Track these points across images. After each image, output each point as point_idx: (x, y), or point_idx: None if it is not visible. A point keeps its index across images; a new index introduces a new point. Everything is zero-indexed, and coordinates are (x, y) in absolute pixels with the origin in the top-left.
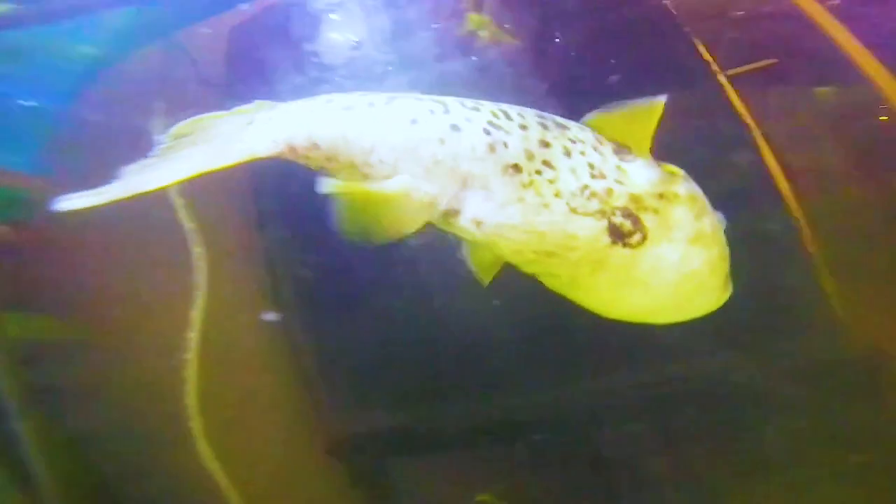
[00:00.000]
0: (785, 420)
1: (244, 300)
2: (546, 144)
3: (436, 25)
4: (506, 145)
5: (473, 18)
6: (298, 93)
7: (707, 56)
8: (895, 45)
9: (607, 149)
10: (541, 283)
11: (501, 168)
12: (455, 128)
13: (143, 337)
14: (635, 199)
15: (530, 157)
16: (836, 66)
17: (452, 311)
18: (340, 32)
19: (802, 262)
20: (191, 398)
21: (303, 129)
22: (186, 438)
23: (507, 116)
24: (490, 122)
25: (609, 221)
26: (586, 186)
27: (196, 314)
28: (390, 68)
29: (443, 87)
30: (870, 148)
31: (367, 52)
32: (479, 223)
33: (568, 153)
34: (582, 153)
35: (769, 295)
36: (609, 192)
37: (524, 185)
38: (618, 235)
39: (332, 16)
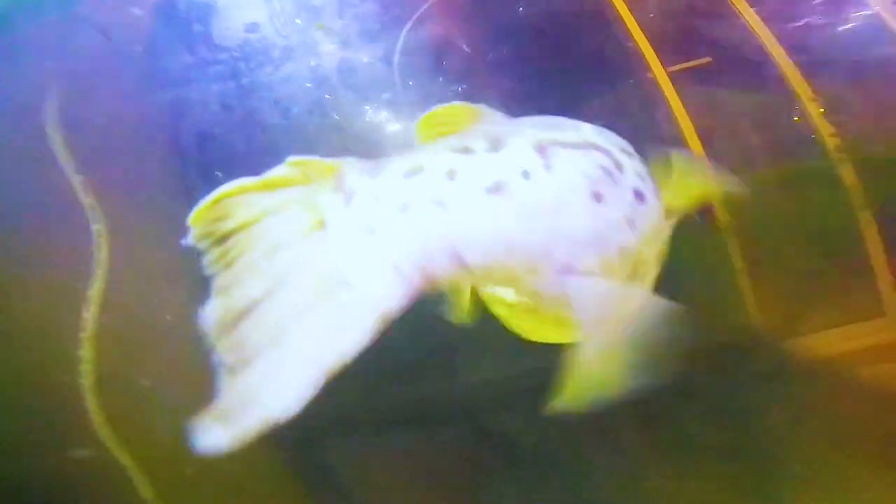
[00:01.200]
0: (697, 402)
1: (153, 279)
2: None
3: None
4: None
5: (321, 26)
6: (227, 75)
7: (649, 51)
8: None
9: None
10: None
11: (657, 247)
12: (639, 195)
13: (33, 316)
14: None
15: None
16: (762, 67)
17: None
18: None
19: (717, 250)
20: (87, 378)
21: (439, 241)
22: (83, 419)
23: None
24: (644, 175)
25: None
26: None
27: (94, 293)
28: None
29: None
30: (787, 145)
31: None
32: None
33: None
34: None
35: (682, 280)
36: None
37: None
38: None
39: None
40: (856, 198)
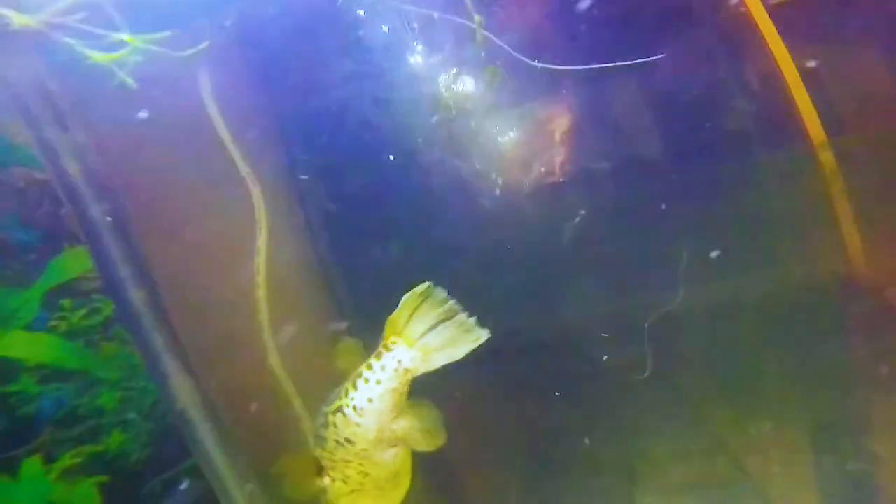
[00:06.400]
0: (787, 346)
1: (294, 234)
2: None
3: None
4: None
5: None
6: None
7: None
8: None
9: None
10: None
11: None
12: None
13: (218, 264)
14: None
15: None
16: None
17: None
18: None
19: (820, 196)
20: (262, 315)
21: None
22: (261, 350)
23: None
24: None
25: None
26: None
27: (261, 243)
28: None
29: None
30: None
31: None
32: None
33: None
34: None
35: (783, 223)
36: None
37: None
38: None
39: None
40: None
